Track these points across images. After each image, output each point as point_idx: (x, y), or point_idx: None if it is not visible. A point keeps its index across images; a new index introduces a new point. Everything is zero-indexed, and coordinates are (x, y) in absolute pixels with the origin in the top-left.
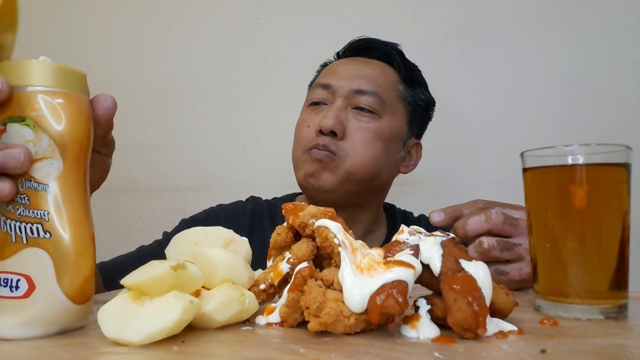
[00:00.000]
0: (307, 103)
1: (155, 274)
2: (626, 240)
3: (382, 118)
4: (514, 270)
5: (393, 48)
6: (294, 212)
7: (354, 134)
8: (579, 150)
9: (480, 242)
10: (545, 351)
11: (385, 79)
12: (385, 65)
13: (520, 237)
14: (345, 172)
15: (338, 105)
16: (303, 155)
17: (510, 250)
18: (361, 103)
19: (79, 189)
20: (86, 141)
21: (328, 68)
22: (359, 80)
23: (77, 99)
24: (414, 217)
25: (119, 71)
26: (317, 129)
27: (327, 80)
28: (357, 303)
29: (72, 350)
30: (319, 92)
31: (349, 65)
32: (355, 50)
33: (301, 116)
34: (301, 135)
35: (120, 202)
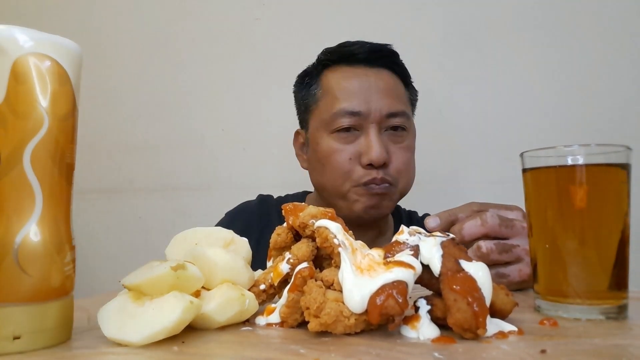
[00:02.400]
0: (327, 128)
1: (155, 274)
2: (626, 240)
3: (409, 132)
4: (514, 272)
5: (393, 53)
6: (294, 212)
7: (396, 157)
8: (579, 150)
9: (479, 247)
10: (545, 351)
11: (401, 91)
12: (391, 73)
13: (517, 238)
14: (399, 196)
15: (375, 133)
16: (355, 189)
17: (508, 252)
18: (394, 125)
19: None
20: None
21: (339, 85)
22: (387, 101)
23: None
24: (418, 216)
25: (119, 71)
26: (366, 162)
27: (354, 105)
28: (357, 303)
29: (72, 350)
30: (347, 119)
31: (367, 83)
32: (358, 59)
33: (329, 144)
34: (343, 168)
35: (120, 202)
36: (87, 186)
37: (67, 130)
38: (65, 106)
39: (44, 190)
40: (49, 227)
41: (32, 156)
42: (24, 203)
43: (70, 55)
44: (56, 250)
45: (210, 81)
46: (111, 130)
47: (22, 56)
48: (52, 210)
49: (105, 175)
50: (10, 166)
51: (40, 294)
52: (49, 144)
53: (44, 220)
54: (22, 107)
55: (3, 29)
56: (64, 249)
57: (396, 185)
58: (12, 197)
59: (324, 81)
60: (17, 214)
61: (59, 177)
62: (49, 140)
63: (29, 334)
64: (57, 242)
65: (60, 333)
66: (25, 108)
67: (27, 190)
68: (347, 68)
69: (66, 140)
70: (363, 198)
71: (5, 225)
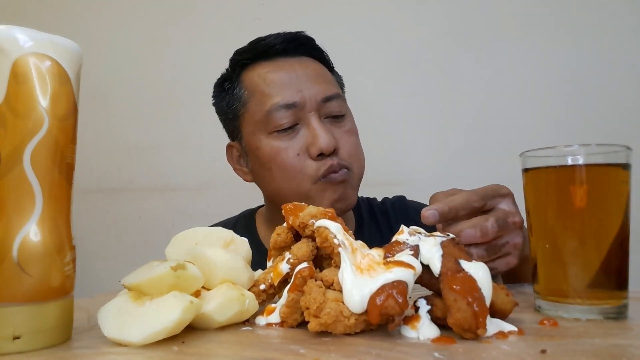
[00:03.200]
0: (265, 129)
1: (155, 274)
2: (626, 240)
3: (348, 115)
4: (502, 265)
5: (309, 39)
6: (294, 212)
7: (344, 141)
8: (579, 150)
9: (470, 254)
10: (545, 351)
11: (327, 75)
12: (312, 59)
13: (508, 235)
14: (357, 181)
15: (316, 121)
16: (315, 185)
17: (497, 252)
18: (332, 111)
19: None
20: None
21: (265, 81)
22: (320, 86)
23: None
24: (377, 202)
25: (119, 71)
26: (316, 153)
27: (286, 98)
28: (357, 303)
29: (72, 350)
30: (284, 113)
31: (294, 73)
32: (275, 52)
33: (270, 145)
34: (294, 167)
35: (120, 202)
36: (87, 186)
37: (67, 130)
38: (65, 106)
39: (44, 190)
40: (49, 227)
41: (32, 156)
42: (24, 203)
43: (70, 55)
44: (56, 250)
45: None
46: (111, 130)
47: (22, 56)
48: (52, 210)
49: (105, 175)
50: (10, 166)
51: (40, 294)
52: (49, 144)
53: (44, 220)
54: (22, 107)
55: (3, 29)
56: (64, 249)
57: (353, 170)
58: (12, 197)
59: (247, 81)
60: (17, 214)
61: (59, 177)
62: (49, 140)
63: (29, 334)
64: (57, 242)
65: (60, 333)
66: (25, 108)
67: (27, 190)
68: (267, 62)
69: (66, 140)
70: (327, 192)
71: (5, 225)
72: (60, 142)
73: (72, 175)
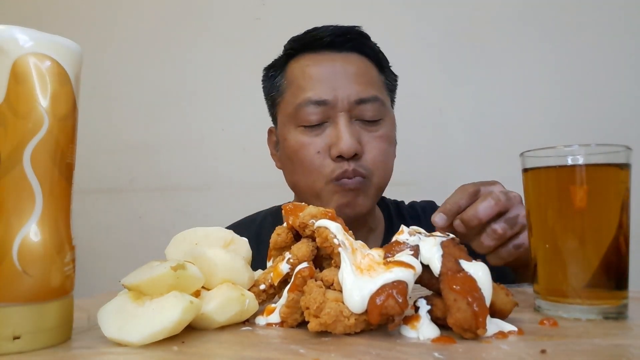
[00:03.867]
0: (294, 122)
1: (155, 274)
2: (626, 241)
3: (385, 120)
4: (526, 239)
5: (361, 34)
6: (294, 212)
7: (371, 147)
8: (579, 150)
9: (494, 230)
10: (545, 351)
11: (372, 75)
12: (361, 56)
13: (515, 208)
14: (375, 191)
15: (344, 122)
16: (327, 186)
17: (515, 224)
18: (366, 114)
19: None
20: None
21: (304, 73)
22: (356, 86)
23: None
24: (405, 205)
25: (119, 71)
26: (336, 154)
27: (319, 94)
28: (357, 303)
29: (72, 350)
30: (313, 109)
31: (332, 68)
32: (322, 45)
33: (296, 139)
34: (313, 163)
35: (120, 202)
36: (87, 186)
37: (67, 130)
38: (65, 106)
39: (44, 190)
40: (49, 227)
41: (32, 156)
42: (24, 203)
43: (70, 55)
44: (56, 250)
45: (210, 81)
46: (111, 130)
47: (22, 56)
48: (52, 210)
49: (105, 175)
50: (10, 166)
51: (40, 294)
52: (49, 144)
53: (44, 220)
54: (22, 107)
55: (3, 29)
56: (64, 249)
57: (371, 179)
58: (12, 197)
59: (289, 72)
60: (17, 214)
61: (59, 177)
62: (49, 140)
63: (29, 334)
64: (57, 242)
65: (60, 333)
66: (25, 108)
67: (27, 190)
68: (312, 55)
69: (66, 140)
70: (336, 196)
71: (5, 225)
72: (60, 142)
73: (72, 175)
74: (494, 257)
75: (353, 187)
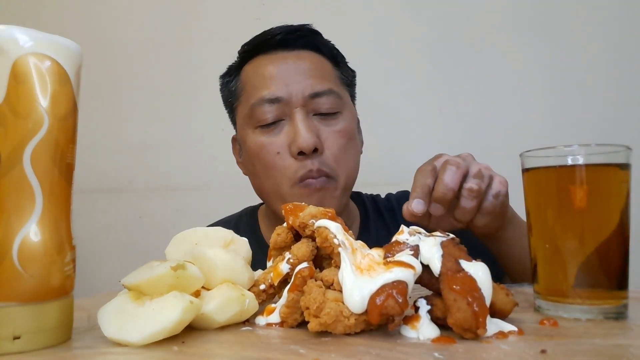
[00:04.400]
0: (251, 124)
1: (155, 274)
2: (626, 240)
3: (343, 114)
4: (499, 186)
5: (313, 31)
6: (294, 212)
7: (330, 143)
8: (579, 150)
9: (470, 189)
10: (545, 351)
11: (326, 69)
12: (313, 53)
13: (473, 164)
14: (342, 190)
15: (301, 117)
16: (293, 189)
17: (482, 176)
18: (322, 107)
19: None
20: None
21: (256, 74)
22: (309, 81)
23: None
24: (382, 199)
25: (119, 71)
26: (296, 151)
27: (272, 91)
28: (357, 303)
29: (72, 350)
30: (267, 108)
31: (285, 65)
32: (274, 44)
33: (254, 140)
34: (275, 165)
35: (120, 202)
36: (87, 186)
37: (67, 130)
38: (65, 106)
39: (44, 190)
40: (49, 227)
41: (32, 156)
42: (24, 203)
43: (70, 55)
44: (56, 250)
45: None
46: (111, 130)
47: (22, 56)
48: (52, 210)
49: (105, 175)
50: (10, 166)
51: (40, 294)
52: (49, 144)
53: (44, 220)
54: (22, 107)
55: (3, 29)
56: (64, 249)
57: (337, 179)
58: (12, 197)
59: (243, 75)
60: (17, 214)
61: (59, 177)
62: (49, 140)
63: (29, 334)
64: (57, 242)
65: (60, 333)
66: (25, 108)
67: (27, 190)
68: (265, 56)
69: (66, 140)
70: (303, 199)
71: (5, 225)
72: (60, 142)
73: (72, 175)
74: (481, 217)
75: (319, 186)
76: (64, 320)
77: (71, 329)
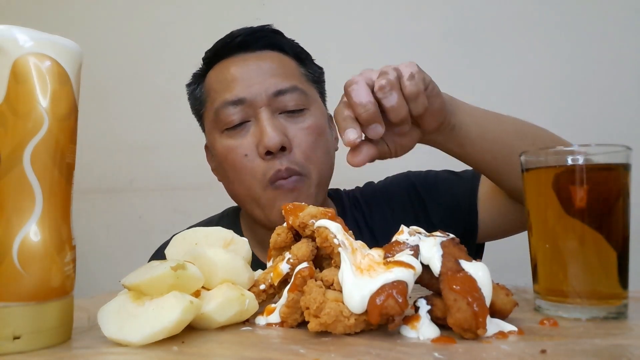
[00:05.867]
0: (217, 128)
1: (155, 274)
2: (626, 241)
3: (310, 110)
4: (406, 69)
5: (274, 31)
6: (294, 212)
7: (299, 141)
8: (579, 150)
9: (381, 86)
10: (545, 351)
11: (289, 67)
12: (275, 52)
13: (371, 71)
14: (316, 188)
15: (266, 116)
16: (265, 192)
17: (386, 72)
18: (287, 104)
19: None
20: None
21: (218, 78)
22: (271, 80)
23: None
24: (356, 194)
25: (119, 71)
26: (263, 151)
27: (235, 93)
28: (357, 303)
29: (72, 350)
30: (232, 110)
31: (246, 67)
32: (235, 47)
33: (222, 144)
34: (244, 167)
35: (120, 202)
36: (87, 186)
37: (67, 130)
38: (65, 106)
39: (44, 190)
40: (49, 227)
41: (32, 156)
42: (24, 203)
43: (70, 55)
44: (56, 250)
45: None
46: (111, 130)
47: (22, 56)
48: (52, 210)
49: (105, 175)
50: (10, 166)
51: (40, 294)
52: (49, 144)
53: (44, 220)
54: (22, 107)
55: (3, 29)
56: (64, 249)
57: (308, 176)
58: (12, 197)
59: (207, 81)
60: (17, 214)
61: (59, 177)
62: (49, 140)
63: (29, 334)
64: (57, 242)
65: (60, 333)
66: (25, 108)
67: (27, 190)
68: (226, 60)
69: (66, 140)
70: (277, 202)
71: (5, 225)
72: (60, 142)
73: (72, 175)
74: (414, 104)
75: (291, 187)
76: (64, 320)
77: (71, 329)
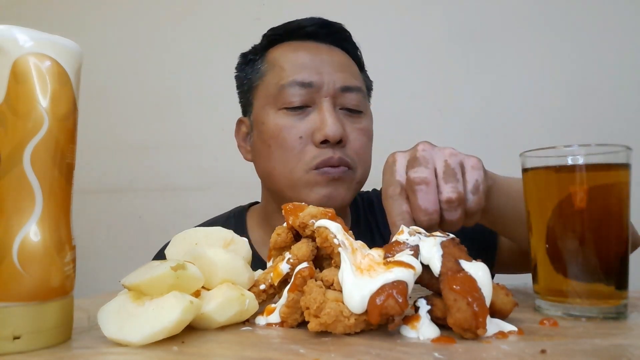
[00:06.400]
0: (275, 104)
1: (155, 274)
2: (626, 241)
3: (366, 114)
4: (473, 174)
5: (344, 30)
6: (294, 212)
7: (354, 137)
8: (579, 150)
9: (449, 200)
10: (545, 351)
11: (355, 69)
12: (343, 52)
13: (435, 160)
14: (357, 184)
15: (329, 107)
16: (307, 175)
17: (454, 173)
18: (349, 102)
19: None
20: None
21: (288, 57)
22: (341, 74)
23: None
24: (371, 197)
25: (119, 71)
26: (320, 139)
27: (305, 76)
28: (357, 303)
29: (72, 350)
30: (297, 91)
31: (319, 55)
32: (305, 34)
33: (276, 122)
34: (293, 148)
35: (120, 202)
36: (87, 186)
37: (67, 130)
38: (65, 106)
39: (44, 190)
40: (49, 227)
41: (32, 156)
42: (24, 203)
43: (70, 55)
44: (56, 250)
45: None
46: (111, 130)
47: (22, 56)
48: (52, 210)
49: (105, 175)
50: (10, 166)
51: (40, 294)
52: (49, 144)
53: (44, 220)
54: (22, 107)
55: (3, 29)
56: (64, 249)
57: (355, 171)
58: (12, 197)
59: (270, 56)
60: (17, 214)
61: (59, 177)
62: (49, 140)
63: (29, 334)
64: (57, 242)
65: (60, 333)
66: (25, 108)
67: (27, 190)
68: (295, 42)
69: (66, 140)
70: (317, 187)
71: (5, 225)
72: (60, 142)
73: (72, 175)
74: (469, 220)
75: (337, 176)
76: (64, 320)
77: (71, 329)
